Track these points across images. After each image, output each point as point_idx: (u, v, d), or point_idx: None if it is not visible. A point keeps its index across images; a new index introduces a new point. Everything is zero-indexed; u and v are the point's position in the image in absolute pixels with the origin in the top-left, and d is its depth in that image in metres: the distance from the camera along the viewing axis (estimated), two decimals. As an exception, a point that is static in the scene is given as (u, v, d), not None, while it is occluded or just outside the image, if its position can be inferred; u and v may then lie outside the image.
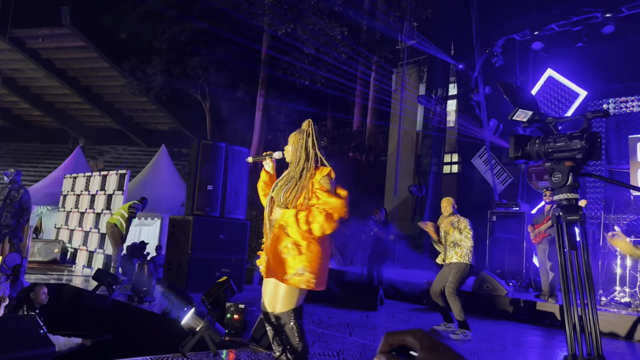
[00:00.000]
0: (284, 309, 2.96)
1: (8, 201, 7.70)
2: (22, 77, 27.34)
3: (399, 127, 14.56)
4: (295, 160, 3.14)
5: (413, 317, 6.92)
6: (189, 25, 21.30)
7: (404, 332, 0.70)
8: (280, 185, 3.12)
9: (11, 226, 7.74)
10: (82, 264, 10.59)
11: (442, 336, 0.71)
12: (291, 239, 2.95)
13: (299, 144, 3.15)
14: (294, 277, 2.90)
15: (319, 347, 4.54)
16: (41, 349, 3.30)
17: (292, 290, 2.95)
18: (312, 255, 2.94)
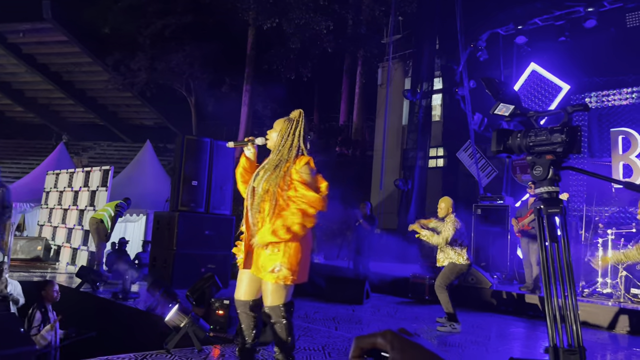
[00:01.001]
0: (274, 303, 2.95)
1: None
2: (3, 72, 26.88)
3: (385, 122, 14.58)
4: (277, 147, 3.08)
5: (399, 310, 6.96)
6: (173, 20, 21.10)
7: (373, 335, 0.71)
8: (261, 175, 3.06)
9: None
10: (66, 261, 10.47)
11: (412, 335, 0.71)
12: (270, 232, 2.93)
13: (285, 132, 3.09)
14: (271, 273, 2.89)
15: (304, 342, 4.55)
16: (21, 347, 3.25)
17: (278, 287, 2.94)
18: (289, 252, 2.93)
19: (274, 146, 3.11)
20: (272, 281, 2.90)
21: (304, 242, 3.01)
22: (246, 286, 3.09)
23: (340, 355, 4.16)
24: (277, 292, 2.95)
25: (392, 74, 15.60)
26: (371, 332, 0.71)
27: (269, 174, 3.01)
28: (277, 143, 3.10)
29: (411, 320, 6.18)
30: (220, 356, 4.02)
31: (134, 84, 22.27)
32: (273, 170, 3.02)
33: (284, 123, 3.13)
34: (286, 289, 2.98)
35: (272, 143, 3.13)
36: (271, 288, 2.95)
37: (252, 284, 3.08)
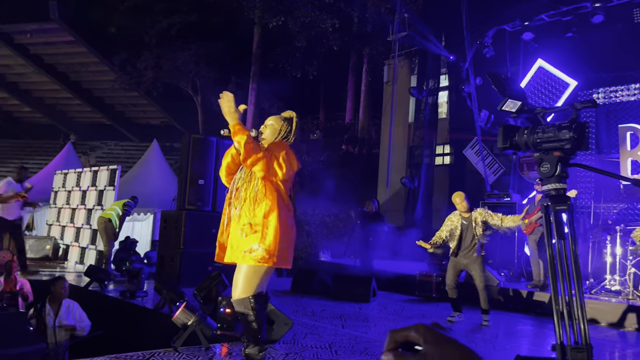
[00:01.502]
0: (243, 294, 2.86)
1: None
2: (10, 73, 27.05)
3: (391, 119, 14.55)
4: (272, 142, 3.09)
5: (406, 308, 6.95)
6: (179, 18, 21.13)
7: (407, 328, 0.72)
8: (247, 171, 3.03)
9: None
10: (75, 260, 10.54)
11: (444, 328, 0.72)
12: (247, 219, 2.91)
13: (284, 131, 3.11)
14: (248, 254, 2.83)
15: (311, 340, 4.55)
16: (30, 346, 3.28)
17: (251, 274, 2.85)
18: (267, 232, 2.87)
19: (268, 142, 3.08)
20: (249, 263, 2.81)
21: (283, 225, 2.94)
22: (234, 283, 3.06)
23: (347, 353, 4.16)
24: (249, 279, 2.85)
25: (398, 72, 15.56)
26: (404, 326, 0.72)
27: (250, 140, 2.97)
28: (271, 140, 3.08)
29: (418, 318, 6.17)
30: (227, 354, 4.03)
31: (141, 83, 22.33)
32: None
33: (282, 122, 3.12)
34: (259, 278, 2.87)
35: (266, 139, 3.10)
36: (243, 276, 2.85)
37: None
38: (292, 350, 4.13)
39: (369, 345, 4.48)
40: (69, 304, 5.56)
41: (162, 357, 3.74)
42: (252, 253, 2.82)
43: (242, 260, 2.83)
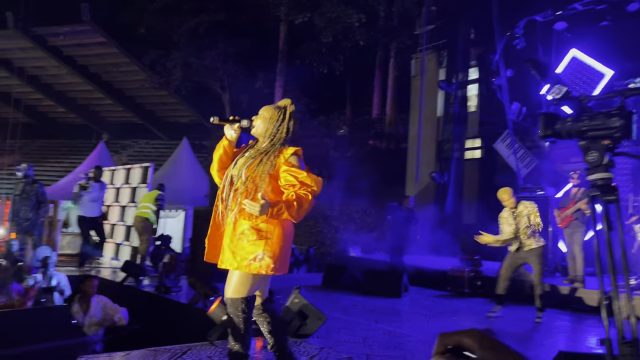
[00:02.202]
0: (236, 295, 2.76)
1: (24, 195, 7.90)
2: (45, 74, 27.78)
3: (420, 113, 14.41)
4: (264, 134, 2.87)
5: (437, 303, 6.89)
6: (207, 17, 21.34)
7: (459, 333, 0.70)
8: (243, 163, 2.82)
9: (30, 219, 7.93)
10: (110, 256, 10.78)
11: (496, 334, 0.71)
12: (249, 223, 2.72)
13: (275, 120, 2.87)
14: (253, 262, 2.68)
15: (344, 334, 4.56)
16: (73, 339, 3.37)
17: (247, 278, 2.74)
18: (272, 239, 2.73)
19: (261, 134, 2.89)
20: (253, 272, 2.69)
21: (286, 230, 2.81)
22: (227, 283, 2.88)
23: (381, 347, 4.15)
24: (243, 283, 2.74)
25: (426, 65, 15.39)
26: (457, 330, 0.71)
27: (253, 162, 2.79)
28: (264, 131, 2.87)
29: (450, 314, 6.11)
30: (262, 348, 4.06)
31: (170, 82, 22.65)
32: (260, 158, 2.79)
33: (272, 110, 2.91)
34: (254, 282, 2.78)
35: (258, 130, 2.90)
36: (239, 278, 2.74)
37: None
38: (327, 345, 4.14)
39: (403, 340, 4.46)
40: (99, 300, 5.70)
41: (199, 350, 3.80)
42: (257, 262, 2.68)
43: (246, 269, 2.69)
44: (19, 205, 7.90)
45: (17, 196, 7.94)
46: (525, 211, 5.67)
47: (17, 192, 7.95)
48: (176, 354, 3.69)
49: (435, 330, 5.02)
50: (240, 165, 2.83)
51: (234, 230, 2.76)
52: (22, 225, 7.90)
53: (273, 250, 2.72)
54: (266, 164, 2.75)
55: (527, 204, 5.74)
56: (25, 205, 7.89)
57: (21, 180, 8.02)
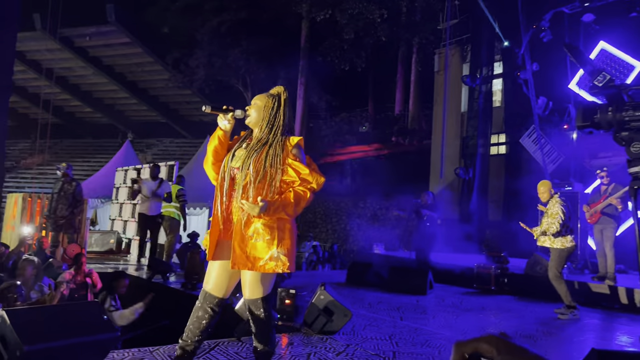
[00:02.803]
0: (258, 295, 2.70)
1: (62, 194, 8.05)
2: (72, 75, 28.34)
3: (444, 109, 14.27)
4: (262, 124, 2.76)
5: (464, 301, 6.83)
6: (229, 16, 21.49)
7: (476, 340, 0.70)
8: (244, 155, 2.70)
9: (66, 217, 8.09)
10: (137, 253, 10.94)
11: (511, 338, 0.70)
12: (261, 221, 2.63)
13: (271, 108, 2.76)
14: (269, 262, 2.61)
15: (370, 331, 4.55)
16: (105, 334, 3.42)
17: (263, 277, 2.70)
18: (284, 236, 2.67)
19: (256, 123, 2.78)
20: (269, 271, 2.64)
21: (294, 227, 2.77)
22: (221, 281, 2.78)
23: (407, 344, 4.13)
24: (264, 282, 2.70)
25: (450, 60, 15.23)
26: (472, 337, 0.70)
27: (258, 154, 2.66)
28: (260, 120, 2.76)
29: (477, 311, 6.05)
30: (288, 344, 4.08)
31: (193, 81, 22.89)
32: (261, 149, 2.68)
33: (267, 98, 2.80)
34: (270, 280, 2.74)
35: (252, 120, 2.78)
36: (258, 278, 2.68)
37: (228, 279, 2.78)
38: (353, 342, 4.14)
39: (430, 337, 4.43)
40: None
41: (227, 346, 3.83)
42: (273, 261, 2.62)
43: (261, 269, 2.63)
44: (57, 203, 8.05)
45: (55, 194, 8.09)
46: (549, 210, 5.71)
47: (55, 190, 8.11)
48: (204, 349, 3.73)
49: (462, 327, 4.98)
50: (241, 157, 2.71)
51: (246, 228, 2.64)
52: (59, 222, 8.06)
53: (287, 248, 2.67)
54: (275, 156, 2.66)
55: (555, 201, 5.71)
56: (62, 203, 8.05)
57: (60, 179, 8.17)
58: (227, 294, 2.81)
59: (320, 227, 18.15)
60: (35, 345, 3.01)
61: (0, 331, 3.07)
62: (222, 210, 2.72)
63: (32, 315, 3.31)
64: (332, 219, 17.89)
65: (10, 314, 3.10)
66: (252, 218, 2.62)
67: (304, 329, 4.43)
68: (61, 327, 3.27)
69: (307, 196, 2.68)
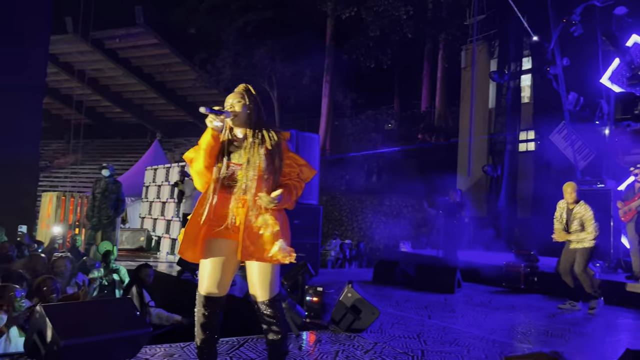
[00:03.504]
0: (272, 294, 2.72)
1: (107, 193, 8.24)
2: (102, 76, 28.94)
3: (471, 106, 14.10)
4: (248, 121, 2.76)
5: (493, 299, 6.75)
6: (254, 16, 21.63)
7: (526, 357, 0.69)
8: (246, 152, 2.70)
9: (111, 216, 8.28)
10: (166, 250, 11.14)
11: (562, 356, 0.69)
12: (269, 213, 2.65)
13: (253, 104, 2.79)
14: (278, 253, 2.62)
15: (398, 329, 4.55)
16: (138, 330, 3.50)
17: (275, 271, 2.71)
18: (285, 226, 2.72)
19: (243, 122, 2.77)
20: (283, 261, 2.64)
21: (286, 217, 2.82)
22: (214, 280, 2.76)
23: (436, 343, 4.12)
24: (273, 278, 2.71)
25: (477, 56, 15.04)
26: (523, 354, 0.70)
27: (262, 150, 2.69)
28: (246, 118, 2.77)
29: (507, 310, 5.98)
30: (316, 342, 4.11)
31: (220, 80, 23.12)
32: (263, 144, 2.71)
33: (243, 95, 2.81)
34: (278, 276, 2.75)
35: (239, 119, 2.77)
36: (269, 274, 2.69)
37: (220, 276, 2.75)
38: (381, 340, 4.15)
39: (458, 336, 4.40)
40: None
41: (256, 343, 3.88)
42: (281, 252, 2.63)
43: (270, 260, 2.64)
44: (101, 202, 8.20)
45: (99, 194, 8.24)
46: (580, 214, 5.76)
47: (99, 190, 8.26)
48: (234, 346, 3.79)
49: (492, 326, 4.93)
50: (243, 155, 2.70)
51: (255, 220, 2.64)
52: (103, 221, 8.23)
53: (287, 238, 2.71)
54: (281, 150, 2.73)
55: (584, 208, 5.78)
56: (105, 202, 8.22)
57: (104, 179, 8.34)
58: (223, 291, 2.79)
59: (346, 225, 18.15)
60: (72, 340, 3.10)
61: (38, 326, 3.18)
62: (210, 208, 2.68)
63: (68, 311, 3.41)
64: (358, 217, 17.88)
65: (47, 309, 3.20)
66: (261, 210, 2.64)
67: (331, 326, 4.45)
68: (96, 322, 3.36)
69: (302, 187, 2.79)
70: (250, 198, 2.65)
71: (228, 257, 2.73)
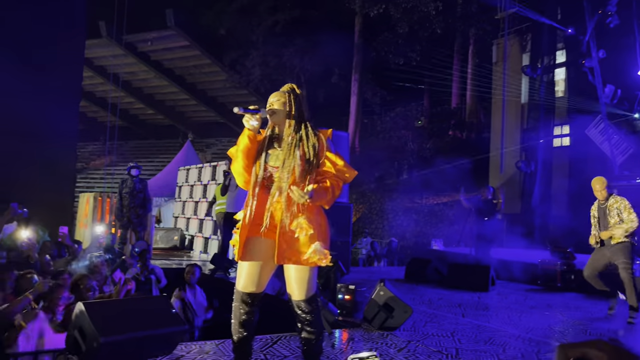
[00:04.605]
0: (310, 294, 2.74)
1: (135, 193, 8.40)
2: (135, 79, 29.54)
3: (503, 101, 13.86)
4: (289, 120, 2.76)
5: (528, 297, 6.63)
6: (283, 15, 21.72)
7: (583, 344, 0.67)
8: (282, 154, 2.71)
9: (140, 215, 8.45)
10: (199, 249, 11.32)
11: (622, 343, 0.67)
12: (303, 216, 2.66)
13: (294, 103, 2.78)
14: (313, 255, 2.64)
15: (431, 328, 4.52)
16: (174, 327, 3.58)
17: (312, 272, 2.72)
18: (323, 230, 2.72)
19: (282, 120, 2.77)
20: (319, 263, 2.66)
21: (328, 223, 2.80)
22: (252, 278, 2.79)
23: (470, 341, 4.07)
24: (310, 278, 2.73)
25: (509, 50, 14.76)
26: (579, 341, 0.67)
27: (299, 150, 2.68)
28: (286, 116, 2.77)
29: (543, 308, 5.86)
30: (349, 340, 4.12)
31: (249, 81, 23.31)
32: (300, 145, 2.70)
33: (285, 95, 2.82)
34: (315, 276, 2.77)
35: (278, 118, 2.78)
36: (305, 274, 2.71)
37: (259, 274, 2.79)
38: (414, 338, 4.13)
39: (493, 334, 4.34)
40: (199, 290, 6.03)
41: (289, 340, 3.92)
42: (317, 255, 2.65)
43: (306, 263, 2.67)
44: (129, 202, 8.37)
45: (127, 194, 8.40)
46: (615, 205, 5.31)
47: (127, 190, 8.42)
48: (267, 343, 3.83)
49: (528, 324, 4.84)
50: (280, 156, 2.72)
51: (289, 223, 2.67)
52: (133, 221, 8.41)
53: (325, 240, 2.72)
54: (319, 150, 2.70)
55: (619, 198, 5.34)
56: (134, 202, 8.40)
57: (132, 179, 8.50)
58: (260, 288, 2.82)
59: (377, 223, 18.09)
60: (111, 337, 3.19)
61: (79, 323, 3.28)
62: (252, 210, 2.72)
63: (107, 308, 3.51)
64: (389, 214, 17.79)
65: (87, 307, 3.30)
66: (295, 213, 2.66)
67: (364, 324, 4.45)
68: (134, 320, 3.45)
69: (341, 187, 2.73)
70: (284, 200, 2.66)
71: (266, 255, 2.76)
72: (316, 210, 2.74)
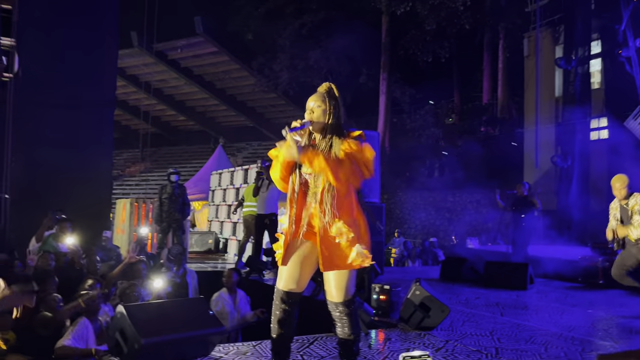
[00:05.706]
0: (348, 296, 2.79)
1: (174, 198, 8.54)
2: (166, 86, 30.12)
3: (536, 95, 13.57)
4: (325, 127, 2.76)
5: (569, 295, 6.47)
6: (309, 18, 21.79)
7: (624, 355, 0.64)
8: None
9: (179, 220, 8.58)
10: (233, 252, 11.43)
11: None
12: (341, 221, 2.68)
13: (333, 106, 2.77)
14: (356, 259, 2.67)
15: (469, 327, 4.45)
16: (211, 329, 3.63)
17: (351, 274, 2.76)
18: (362, 231, 2.74)
19: (322, 127, 2.77)
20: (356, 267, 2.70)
21: (367, 223, 2.81)
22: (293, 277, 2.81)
23: (510, 340, 3.99)
24: (350, 281, 2.76)
25: (541, 43, 14.44)
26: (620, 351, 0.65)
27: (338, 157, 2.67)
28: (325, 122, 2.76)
29: (585, 306, 5.70)
30: (386, 340, 4.09)
31: (278, 84, 23.46)
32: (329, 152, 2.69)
33: (324, 97, 2.79)
34: (354, 278, 2.80)
35: (317, 122, 2.77)
36: (346, 277, 2.74)
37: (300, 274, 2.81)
38: (452, 337, 4.07)
39: (534, 333, 4.24)
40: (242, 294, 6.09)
41: (325, 341, 3.92)
42: (359, 257, 2.68)
43: (350, 267, 2.71)
44: (169, 207, 8.50)
45: (166, 199, 8.53)
46: (636, 208, 5.01)
47: (166, 196, 8.55)
48: (304, 344, 3.84)
49: (570, 323, 4.71)
50: None
51: (329, 232, 2.70)
52: (172, 225, 8.54)
53: (366, 242, 2.75)
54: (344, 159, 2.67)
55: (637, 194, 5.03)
56: (173, 207, 8.53)
57: (172, 184, 8.64)
58: (301, 287, 2.85)
59: (409, 222, 17.94)
60: (151, 338, 3.26)
61: (120, 325, 3.35)
62: (292, 216, 2.79)
63: (147, 311, 3.58)
64: (421, 214, 17.62)
65: (128, 310, 3.37)
66: (334, 219, 2.68)
67: (400, 324, 4.41)
68: (173, 322, 3.52)
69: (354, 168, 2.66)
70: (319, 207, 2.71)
71: (307, 255, 2.81)
72: (353, 211, 2.76)
